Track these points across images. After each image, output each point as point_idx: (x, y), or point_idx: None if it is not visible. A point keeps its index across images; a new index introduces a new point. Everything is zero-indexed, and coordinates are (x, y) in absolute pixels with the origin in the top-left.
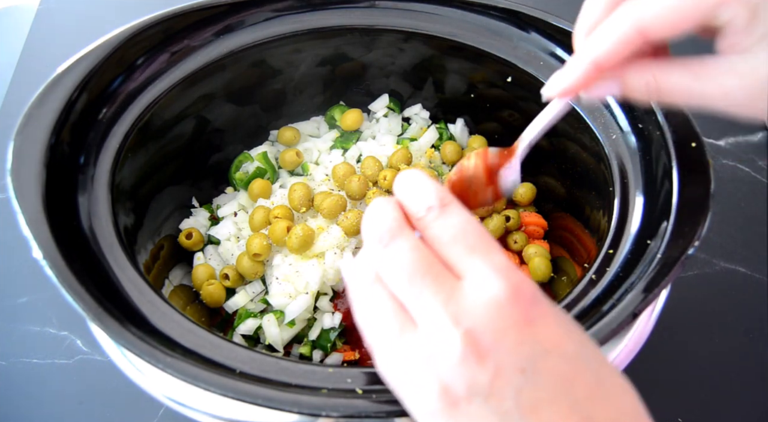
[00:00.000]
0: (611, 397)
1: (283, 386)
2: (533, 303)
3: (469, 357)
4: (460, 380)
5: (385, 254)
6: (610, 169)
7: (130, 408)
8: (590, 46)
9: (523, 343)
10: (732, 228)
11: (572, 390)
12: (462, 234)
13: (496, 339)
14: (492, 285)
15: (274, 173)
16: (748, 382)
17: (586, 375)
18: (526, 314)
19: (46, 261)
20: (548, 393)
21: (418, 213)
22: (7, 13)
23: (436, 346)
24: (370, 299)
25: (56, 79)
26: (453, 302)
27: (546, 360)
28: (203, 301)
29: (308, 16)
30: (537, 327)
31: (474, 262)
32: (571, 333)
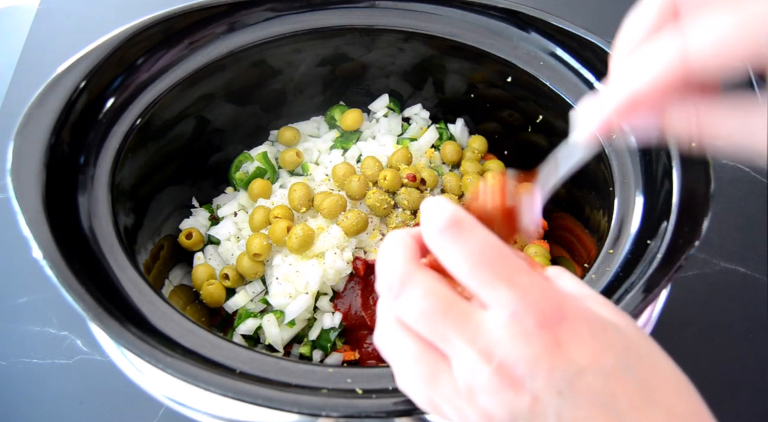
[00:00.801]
0: (662, 404)
1: (283, 386)
2: (562, 323)
3: (506, 389)
4: (501, 410)
5: (399, 305)
6: (610, 169)
7: (130, 408)
8: (627, 75)
9: (556, 368)
10: (732, 228)
11: (614, 405)
12: (479, 260)
13: (528, 368)
14: (519, 313)
15: (274, 173)
16: (748, 382)
17: (628, 387)
18: (555, 337)
19: (46, 261)
20: (588, 410)
21: (431, 236)
22: (7, 13)
23: (472, 383)
24: (397, 347)
25: (56, 79)
26: (480, 338)
27: (582, 378)
28: (203, 301)
29: (308, 16)
30: (569, 347)
31: (496, 291)
32: (608, 343)
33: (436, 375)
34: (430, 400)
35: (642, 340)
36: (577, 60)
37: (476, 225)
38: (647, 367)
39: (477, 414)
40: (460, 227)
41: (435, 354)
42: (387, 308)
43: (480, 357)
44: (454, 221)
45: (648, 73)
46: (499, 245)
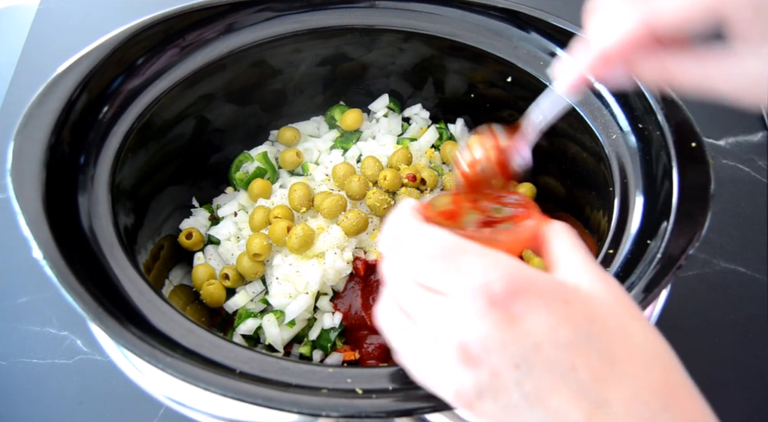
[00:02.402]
0: (626, 374)
1: (283, 386)
2: (514, 299)
3: (466, 366)
4: (467, 384)
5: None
6: (610, 169)
7: (130, 408)
8: (599, 36)
9: (508, 342)
10: (732, 228)
11: (575, 376)
12: (428, 260)
13: (482, 344)
14: (470, 295)
15: (274, 173)
16: (748, 382)
17: (589, 358)
18: (508, 313)
19: (46, 261)
20: (548, 381)
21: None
22: (7, 13)
23: (442, 360)
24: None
25: (56, 79)
26: (444, 319)
27: (538, 352)
28: (203, 301)
29: (308, 16)
30: (523, 321)
31: (450, 281)
32: (567, 315)
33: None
34: (422, 375)
35: (615, 311)
36: None
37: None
38: (614, 338)
39: (450, 389)
40: (401, 239)
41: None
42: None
43: (446, 338)
44: (394, 239)
45: (618, 30)
46: (442, 239)
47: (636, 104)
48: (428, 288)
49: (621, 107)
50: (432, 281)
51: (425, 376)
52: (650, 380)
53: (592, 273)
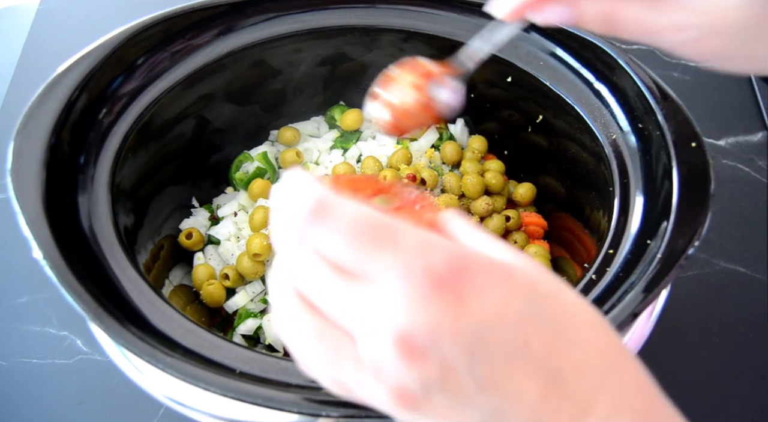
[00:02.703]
0: (576, 341)
1: (283, 386)
2: (459, 278)
3: (410, 360)
4: (410, 382)
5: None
6: (610, 169)
7: (130, 408)
8: None
9: (460, 328)
10: (732, 228)
11: (528, 352)
12: (355, 237)
13: (429, 334)
14: (409, 277)
15: (274, 173)
16: (748, 382)
17: (539, 331)
18: (455, 295)
19: (46, 261)
20: (503, 363)
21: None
22: (7, 13)
23: (376, 360)
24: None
25: (56, 79)
26: (376, 308)
27: (491, 333)
28: (203, 301)
29: (308, 16)
30: (471, 302)
31: (382, 261)
32: (512, 289)
33: (339, 353)
34: (338, 381)
35: (546, 280)
36: (577, 60)
37: (340, 202)
38: (556, 307)
39: (388, 392)
40: (322, 211)
41: (338, 332)
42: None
43: (379, 330)
44: (314, 209)
45: None
46: (372, 215)
47: (636, 104)
48: (348, 273)
49: (621, 107)
50: (358, 265)
51: (350, 386)
52: (596, 343)
53: (506, 248)
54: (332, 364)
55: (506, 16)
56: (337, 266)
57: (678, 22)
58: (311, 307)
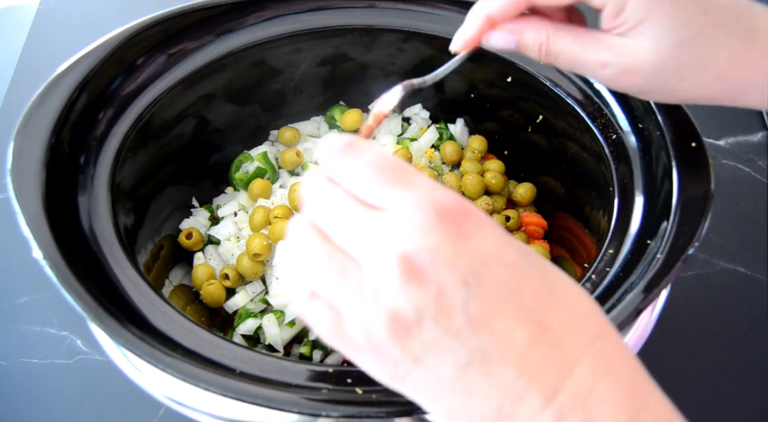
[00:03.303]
0: (565, 302)
1: (283, 386)
2: (465, 217)
3: (409, 280)
4: (406, 305)
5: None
6: (610, 169)
7: (130, 408)
8: (485, 2)
9: (459, 256)
10: (732, 228)
11: (520, 298)
12: (377, 169)
13: (431, 257)
14: (419, 208)
15: (274, 173)
16: (748, 382)
17: (532, 281)
18: (458, 229)
19: (46, 261)
20: (496, 303)
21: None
22: (7, 13)
23: (377, 281)
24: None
25: (56, 79)
26: (386, 235)
27: (487, 269)
28: (203, 301)
29: (308, 16)
30: (472, 239)
31: (397, 193)
32: (509, 242)
33: (344, 276)
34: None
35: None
36: None
37: (368, 143)
38: (545, 268)
39: (383, 315)
40: (353, 146)
41: (346, 257)
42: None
43: (384, 252)
44: (346, 143)
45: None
46: (394, 157)
47: (636, 104)
48: (368, 204)
49: (621, 107)
50: (376, 194)
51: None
52: (583, 310)
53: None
54: (335, 287)
55: (460, 48)
56: (357, 197)
57: (601, 59)
58: (324, 236)
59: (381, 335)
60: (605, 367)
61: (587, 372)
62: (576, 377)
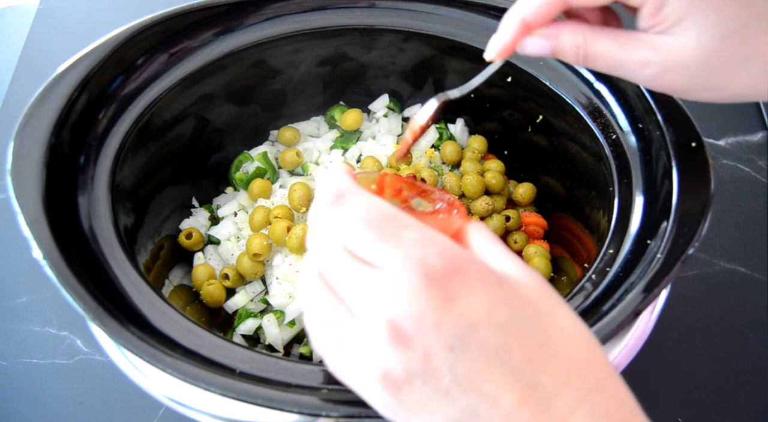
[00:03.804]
0: (560, 356)
1: (283, 386)
2: (452, 277)
3: (396, 345)
4: (396, 366)
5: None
6: (610, 169)
7: (130, 408)
8: (520, 6)
9: (444, 322)
10: (732, 228)
11: (509, 358)
12: (365, 225)
13: (416, 324)
14: (407, 269)
15: (274, 173)
16: (748, 382)
17: (523, 340)
18: (445, 292)
19: (46, 261)
20: (482, 364)
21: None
22: (7, 13)
23: (369, 341)
24: (314, 297)
25: (56, 79)
26: (374, 293)
27: (474, 333)
28: (203, 301)
29: (308, 16)
30: (459, 300)
31: (383, 250)
32: (502, 297)
33: (344, 329)
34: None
35: (543, 297)
36: None
37: (358, 192)
38: (544, 320)
39: (376, 372)
40: (341, 199)
41: (345, 310)
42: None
43: (374, 313)
44: (335, 194)
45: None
46: (383, 207)
47: (636, 104)
48: (360, 259)
49: (621, 107)
50: (365, 250)
51: (346, 360)
52: (580, 361)
53: (516, 263)
54: (336, 339)
55: (496, 56)
56: (352, 252)
57: (642, 58)
58: (328, 287)
59: (376, 387)
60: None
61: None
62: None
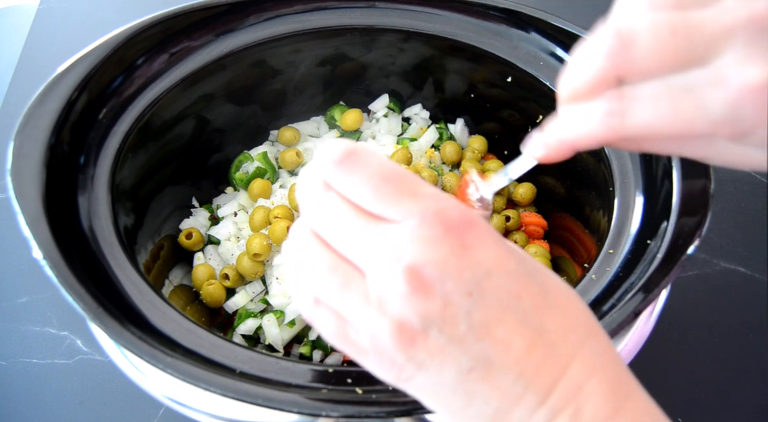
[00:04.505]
0: (559, 305)
1: (283, 386)
2: (467, 229)
3: (416, 292)
4: (412, 314)
5: (315, 216)
6: (610, 169)
7: (130, 408)
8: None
9: (464, 268)
10: (732, 228)
11: (519, 304)
12: (380, 181)
13: (437, 269)
14: (426, 220)
15: (274, 173)
16: (748, 382)
17: (530, 288)
18: (462, 241)
19: (46, 261)
20: (497, 310)
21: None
22: (7, 13)
23: (383, 291)
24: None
25: (56, 79)
26: (391, 246)
27: (489, 279)
28: (203, 301)
29: (308, 16)
30: (475, 249)
31: (403, 204)
32: (508, 250)
33: (348, 286)
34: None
35: (529, 256)
36: None
37: (370, 151)
38: (544, 274)
39: (389, 324)
40: (355, 156)
41: (349, 266)
42: (302, 220)
43: (391, 263)
44: (348, 152)
45: (582, 130)
46: (397, 167)
47: None
48: (372, 215)
49: None
50: (382, 206)
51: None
52: (575, 312)
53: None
54: (339, 296)
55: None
56: (358, 207)
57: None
58: (325, 243)
59: (386, 343)
60: (594, 365)
61: (578, 371)
62: (568, 376)
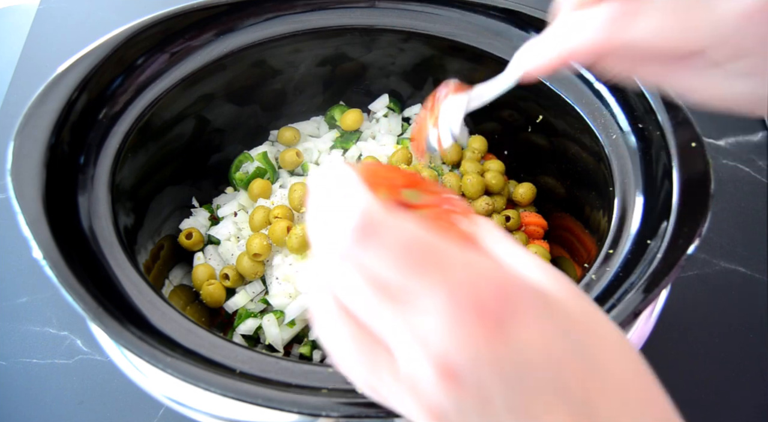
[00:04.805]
0: (609, 372)
1: (283, 386)
2: (503, 308)
3: (447, 385)
4: (446, 404)
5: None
6: (610, 169)
7: (130, 408)
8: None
9: (501, 359)
10: (732, 228)
11: (566, 394)
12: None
13: (470, 360)
14: (455, 302)
15: (274, 173)
16: (748, 382)
17: (578, 371)
18: (496, 321)
19: (46, 261)
20: (539, 398)
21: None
22: (7, 13)
23: (413, 376)
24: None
25: (56, 79)
26: (419, 328)
27: (531, 370)
28: (203, 301)
29: (308, 16)
30: (511, 329)
31: (427, 286)
32: (555, 325)
33: (376, 362)
34: (373, 387)
35: (576, 302)
36: None
37: (388, 220)
38: (589, 336)
39: (422, 407)
40: (372, 230)
41: (375, 342)
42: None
43: (419, 349)
44: (363, 226)
45: (583, 36)
46: (421, 236)
47: (636, 104)
48: (390, 291)
49: (621, 107)
50: (401, 285)
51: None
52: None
53: (541, 266)
54: (369, 371)
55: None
56: (379, 282)
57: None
58: (349, 314)
59: (420, 416)
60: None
61: None
62: None
